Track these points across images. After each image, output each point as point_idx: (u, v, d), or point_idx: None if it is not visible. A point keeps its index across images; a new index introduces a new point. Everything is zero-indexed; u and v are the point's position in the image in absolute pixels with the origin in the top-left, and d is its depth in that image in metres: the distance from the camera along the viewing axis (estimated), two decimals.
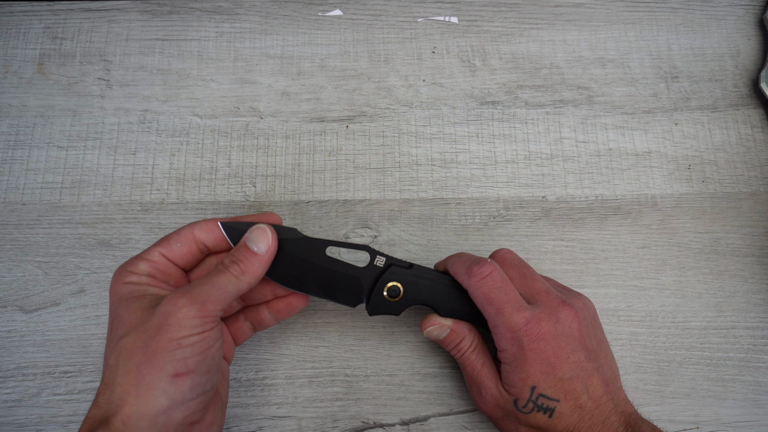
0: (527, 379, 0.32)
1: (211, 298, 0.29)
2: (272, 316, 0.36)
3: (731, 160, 0.45)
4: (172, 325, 0.28)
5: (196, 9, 0.48)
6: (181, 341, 0.28)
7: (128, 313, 0.30)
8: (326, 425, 0.38)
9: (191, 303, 0.29)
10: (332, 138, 0.45)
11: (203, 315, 0.29)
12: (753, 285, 0.42)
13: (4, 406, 0.38)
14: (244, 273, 0.31)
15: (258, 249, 0.32)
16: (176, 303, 0.29)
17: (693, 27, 0.49)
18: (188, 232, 0.33)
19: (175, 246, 0.33)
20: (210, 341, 0.29)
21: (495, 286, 0.33)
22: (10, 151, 0.44)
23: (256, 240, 0.32)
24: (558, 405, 0.32)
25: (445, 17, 0.49)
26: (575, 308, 0.34)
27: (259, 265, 0.32)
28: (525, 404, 0.32)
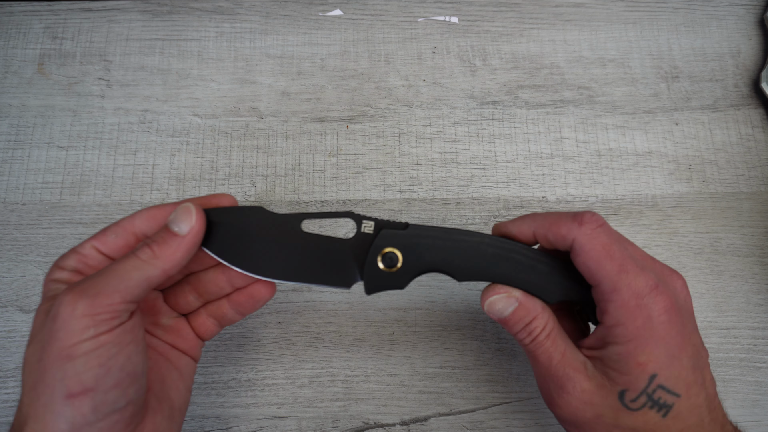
0: (648, 364, 0.25)
1: (105, 289, 0.24)
2: (235, 310, 0.32)
3: (732, 160, 0.45)
4: (59, 330, 0.23)
5: (196, 9, 0.48)
6: (71, 351, 0.23)
7: (36, 318, 0.25)
8: (326, 425, 0.38)
9: (78, 298, 0.23)
10: (332, 138, 0.45)
11: (95, 312, 0.23)
12: (754, 285, 0.42)
13: (4, 406, 0.38)
14: (157, 257, 0.26)
15: (179, 229, 0.27)
16: (63, 300, 0.24)
17: (693, 27, 0.49)
18: (127, 222, 0.28)
19: (111, 237, 0.28)
20: (112, 348, 0.24)
21: (615, 237, 0.26)
22: (10, 151, 0.44)
23: (178, 219, 0.27)
24: (677, 401, 0.25)
25: (446, 17, 0.48)
26: (683, 278, 0.28)
27: (178, 248, 0.26)
28: (636, 397, 0.25)
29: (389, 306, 0.41)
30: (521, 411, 0.39)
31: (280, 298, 0.41)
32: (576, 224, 0.27)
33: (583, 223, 0.27)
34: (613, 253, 0.26)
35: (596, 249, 0.26)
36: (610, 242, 0.26)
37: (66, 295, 0.24)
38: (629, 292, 0.25)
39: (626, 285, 0.25)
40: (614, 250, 0.26)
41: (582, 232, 0.27)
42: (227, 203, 0.30)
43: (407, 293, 0.41)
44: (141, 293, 0.25)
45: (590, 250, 0.26)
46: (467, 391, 0.39)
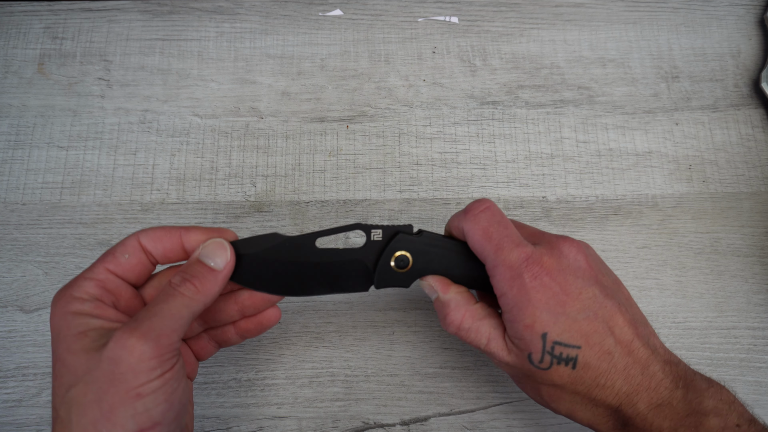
0: (534, 325, 0.27)
1: (165, 330, 0.25)
2: (239, 335, 0.33)
3: (732, 160, 0.45)
4: (126, 372, 0.24)
5: (196, 9, 0.48)
6: (140, 390, 0.24)
7: (71, 356, 0.25)
8: (326, 425, 0.38)
9: (143, 341, 0.24)
10: (332, 138, 0.45)
11: (160, 354, 0.25)
12: (754, 285, 0.42)
13: (5, 406, 0.38)
14: (199, 292, 0.27)
15: (215, 264, 0.28)
16: (125, 345, 0.24)
17: (694, 27, 0.49)
18: (134, 240, 0.29)
19: (123, 258, 0.28)
20: (174, 383, 0.25)
21: (495, 220, 0.29)
22: (11, 151, 0.44)
23: (212, 254, 0.28)
24: (580, 352, 0.27)
25: (446, 17, 0.48)
26: (578, 242, 0.30)
27: (215, 283, 0.28)
28: (541, 358, 0.27)
29: (389, 306, 0.41)
30: (521, 411, 0.39)
31: None
32: (463, 214, 0.30)
33: (467, 212, 0.30)
34: (491, 234, 0.29)
35: (477, 233, 0.29)
36: (489, 225, 0.29)
37: (128, 339, 0.24)
38: (505, 267, 0.28)
39: (502, 261, 0.28)
40: (492, 231, 0.29)
41: (467, 219, 0.30)
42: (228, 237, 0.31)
43: (408, 293, 0.41)
44: (187, 327, 0.27)
45: (473, 235, 0.29)
46: (467, 391, 0.39)
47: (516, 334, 0.28)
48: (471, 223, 0.30)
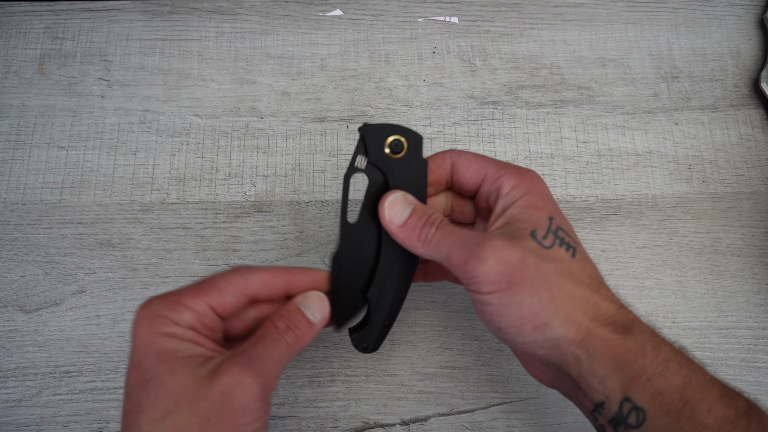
0: (544, 208, 0.29)
1: (272, 374, 0.26)
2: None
3: (732, 160, 0.45)
4: (237, 410, 0.24)
5: (196, 9, 0.48)
6: (245, 429, 0.25)
7: (174, 379, 0.25)
8: (326, 425, 0.38)
9: (257, 382, 0.25)
10: (332, 138, 0.45)
11: (266, 396, 0.25)
12: (754, 285, 0.42)
13: (5, 406, 0.38)
14: (298, 343, 0.28)
15: (314, 318, 0.29)
16: (241, 382, 0.25)
17: (693, 27, 0.49)
18: (244, 283, 0.29)
19: (228, 299, 0.28)
20: (265, 426, 0.26)
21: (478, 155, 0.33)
22: (11, 151, 0.44)
23: (313, 308, 0.29)
24: (577, 248, 0.29)
25: (446, 17, 0.49)
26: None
27: (311, 336, 0.29)
28: (545, 234, 0.28)
29: None
30: (521, 411, 0.39)
31: None
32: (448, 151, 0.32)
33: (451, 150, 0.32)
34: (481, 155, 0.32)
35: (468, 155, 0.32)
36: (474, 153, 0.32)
37: (244, 377, 0.25)
38: (509, 167, 0.30)
39: (504, 164, 0.31)
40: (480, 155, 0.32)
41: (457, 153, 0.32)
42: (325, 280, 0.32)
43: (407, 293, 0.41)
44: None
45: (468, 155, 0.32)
46: (467, 391, 0.39)
47: (525, 215, 0.28)
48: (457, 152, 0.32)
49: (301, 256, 0.42)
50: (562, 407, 0.38)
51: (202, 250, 0.42)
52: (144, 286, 0.41)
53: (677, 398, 0.24)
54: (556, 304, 0.27)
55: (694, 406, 0.24)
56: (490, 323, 0.28)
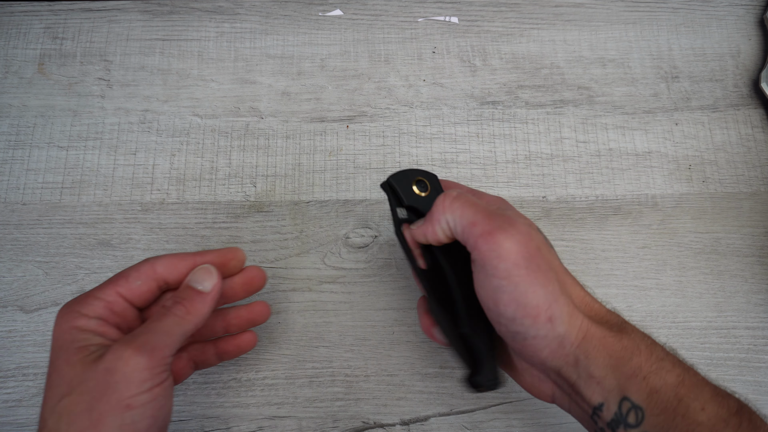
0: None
1: (159, 344, 0.27)
2: (218, 356, 0.35)
3: (732, 160, 0.45)
4: (119, 382, 0.25)
5: (196, 9, 0.48)
6: (131, 401, 0.25)
7: (68, 367, 0.26)
8: (326, 425, 0.38)
9: (138, 353, 0.26)
10: (332, 138, 0.45)
11: (152, 366, 0.26)
12: (753, 285, 0.42)
13: (5, 406, 0.38)
14: (189, 312, 0.29)
15: (203, 287, 0.30)
16: (121, 356, 0.26)
17: (693, 27, 0.49)
18: (149, 268, 0.30)
19: (135, 284, 0.30)
20: (162, 400, 0.27)
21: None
22: (11, 151, 0.44)
23: (200, 279, 0.31)
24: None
25: (446, 17, 0.49)
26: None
27: (204, 304, 0.30)
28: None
29: (389, 306, 0.41)
30: (521, 411, 0.39)
31: (279, 297, 0.41)
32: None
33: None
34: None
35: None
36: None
37: (125, 349, 0.26)
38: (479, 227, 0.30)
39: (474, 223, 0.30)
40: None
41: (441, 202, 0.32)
42: (242, 256, 0.33)
43: (407, 293, 0.41)
44: (179, 346, 0.29)
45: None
46: (468, 391, 0.39)
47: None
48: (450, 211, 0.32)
49: (301, 256, 0.42)
50: None
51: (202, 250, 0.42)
52: None
53: (672, 396, 0.25)
54: (565, 299, 0.27)
55: (688, 404, 0.24)
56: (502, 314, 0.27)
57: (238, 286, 0.34)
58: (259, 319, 0.35)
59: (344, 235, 0.42)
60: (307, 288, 0.41)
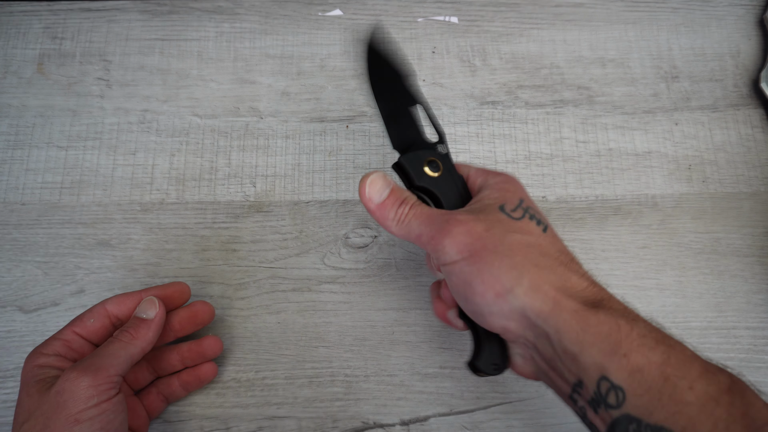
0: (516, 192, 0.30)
1: (103, 365, 0.30)
2: (183, 387, 0.37)
3: (731, 160, 0.45)
4: (68, 400, 0.29)
5: (196, 9, 0.48)
6: (79, 416, 0.28)
7: (28, 398, 0.30)
8: (326, 425, 0.38)
9: (83, 373, 0.29)
10: (332, 138, 0.45)
11: (97, 384, 0.29)
12: (754, 285, 0.42)
13: (4, 406, 0.38)
14: (135, 338, 0.32)
15: (147, 315, 0.34)
16: (68, 377, 0.29)
17: (693, 27, 0.49)
18: (101, 307, 0.34)
19: (89, 322, 0.34)
20: (110, 414, 0.30)
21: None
22: (10, 151, 0.44)
23: (145, 309, 0.34)
24: (548, 226, 0.29)
25: (445, 17, 0.48)
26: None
27: (148, 330, 0.33)
28: (515, 207, 0.29)
29: (389, 306, 0.41)
30: (521, 411, 0.39)
31: (279, 297, 0.41)
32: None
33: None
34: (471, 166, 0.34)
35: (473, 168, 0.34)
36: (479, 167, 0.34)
37: (71, 372, 0.29)
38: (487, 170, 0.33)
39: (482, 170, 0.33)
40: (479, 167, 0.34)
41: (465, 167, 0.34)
42: (186, 290, 0.37)
43: (407, 293, 0.41)
44: (127, 368, 0.32)
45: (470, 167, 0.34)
46: (467, 391, 0.39)
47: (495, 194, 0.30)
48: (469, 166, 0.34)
49: (301, 256, 0.42)
50: (561, 407, 0.38)
51: (201, 250, 0.42)
52: (143, 286, 0.41)
53: (657, 375, 0.23)
54: (518, 271, 0.26)
55: (675, 384, 0.23)
56: (459, 297, 0.29)
57: (185, 320, 0.37)
58: (209, 353, 0.37)
59: (344, 235, 0.42)
60: (306, 288, 0.41)
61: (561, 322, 0.25)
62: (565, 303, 0.26)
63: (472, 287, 0.27)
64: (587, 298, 0.26)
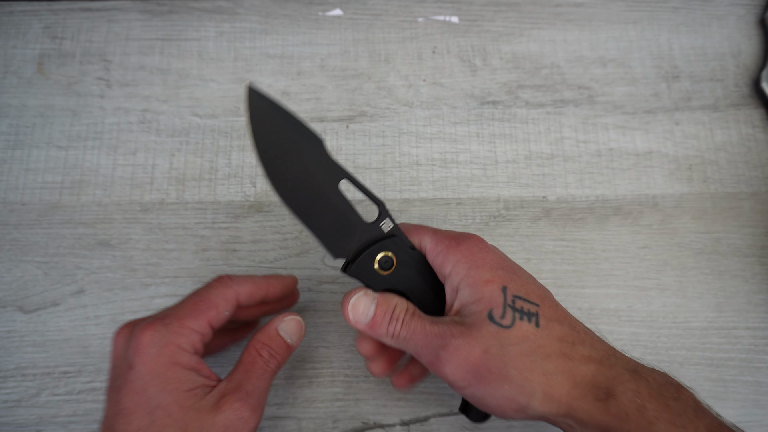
0: (494, 281, 0.28)
1: (263, 404, 0.30)
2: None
3: (732, 160, 0.45)
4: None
5: (196, 9, 0.48)
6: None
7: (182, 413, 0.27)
8: (326, 425, 0.38)
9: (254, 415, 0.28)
10: (332, 138, 0.45)
11: (258, 425, 0.29)
12: (754, 285, 0.42)
13: (4, 407, 0.38)
14: (279, 366, 0.31)
15: (292, 342, 0.32)
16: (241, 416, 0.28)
17: (694, 26, 0.49)
18: (233, 297, 0.31)
19: (224, 315, 0.30)
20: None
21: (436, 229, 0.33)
22: (10, 151, 0.44)
23: (291, 332, 0.32)
24: (540, 310, 0.28)
25: (446, 17, 0.48)
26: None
27: (286, 357, 0.32)
28: (503, 312, 0.27)
29: None
30: None
31: None
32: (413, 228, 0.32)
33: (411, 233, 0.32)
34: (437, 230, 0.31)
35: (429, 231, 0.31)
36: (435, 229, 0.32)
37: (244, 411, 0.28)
38: (455, 240, 0.30)
39: (453, 237, 0.30)
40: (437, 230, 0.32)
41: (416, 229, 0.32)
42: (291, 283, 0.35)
43: None
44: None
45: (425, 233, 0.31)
46: None
47: (475, 294, 0.28)
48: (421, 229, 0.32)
49: (301, 256, 0.42)
50: None
51: (201, 250, 0.42)
52: (143, 286, 0.41)
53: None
54: (530, 386, 0.26)
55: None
56: (473, 402, 0.29)
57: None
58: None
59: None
60: (306, 288, 0.41)
61: (579, 417, 0.26)
62: (577, 404, 0.26)
63: (489, 405, 0.28)
64: (598, 384, 0.26)
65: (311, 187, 0.30)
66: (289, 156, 0.29)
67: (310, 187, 0.30)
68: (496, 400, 0.27)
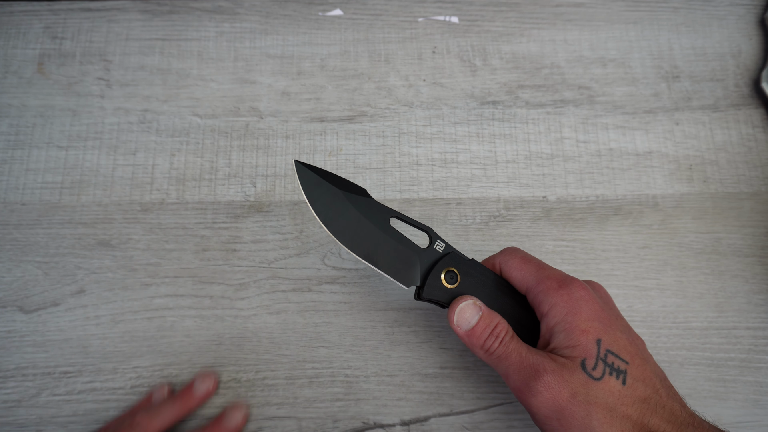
0: (590, 331, 0.29)
1: None
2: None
3: (732, 160, 0.45)
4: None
5: (196, 9, 0.48)
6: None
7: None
8: (326, 425, 0.38)
9: None
10: (332, 138, 0.45)
11: None
12: (754, 285, 0.42)
13: (4, 407, 0.38)
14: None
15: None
16: None
17: (694, 26, 0.49)
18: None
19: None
20: None
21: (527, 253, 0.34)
22: (10, 151, 0.44)
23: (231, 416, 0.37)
24: (628, 368, 0.28)
25: (446, 17, 0.48)
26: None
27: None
28: (595, 364, 0.28)
29: (389, 306, 0.41)
30: (522, 411, 0.39)
31: (279, 298, 0.41)
32: (498, 253, 0.34)
33: (501, 252, 0.34)
34: (529, 259, 0.33)
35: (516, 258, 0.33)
36: (524, 254, 0.33)
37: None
38: (552, 279, 0.31)
39: (548, 275, 0.31)
40: (529, 257, 0.33)
41: (502, 254, 0.34)
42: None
43: (408, 293, 0.41)
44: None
45: (513, 261, 0.33)
46: (467, 391, 0.39)
47: (571, 340, 0.29)
48: (507, 255, 0.33)
49: (301, 256, 0.42)
50: None
51: (201, 250, 0.42)
52: (143, 286, 0.41)
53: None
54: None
55: None
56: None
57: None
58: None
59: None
60: (307, 288, 0.41)
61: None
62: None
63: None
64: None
65: (369, 232, 0.33)
66: (344, 211, 0.33)
67: (368, 232, 0.33)
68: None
